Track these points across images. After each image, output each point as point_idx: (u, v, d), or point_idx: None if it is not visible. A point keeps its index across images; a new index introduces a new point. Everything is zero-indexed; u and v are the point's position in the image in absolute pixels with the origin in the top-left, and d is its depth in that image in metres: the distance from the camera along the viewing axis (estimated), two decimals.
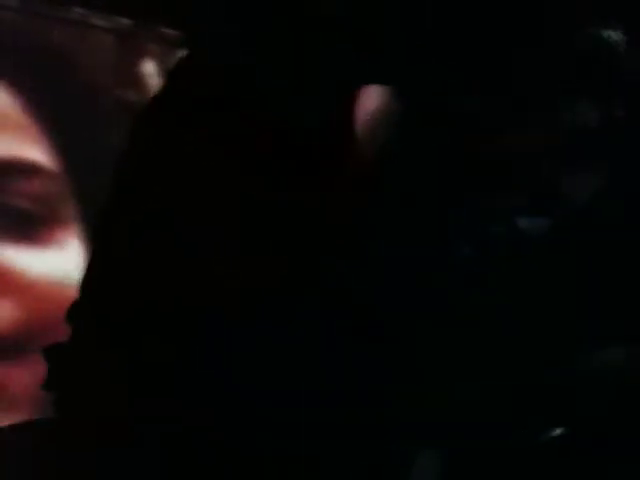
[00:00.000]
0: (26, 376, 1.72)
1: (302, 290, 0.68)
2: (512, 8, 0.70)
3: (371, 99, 0.70)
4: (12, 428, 0.85)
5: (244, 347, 0.68)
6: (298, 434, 0.67)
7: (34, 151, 1.81)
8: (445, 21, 0.69)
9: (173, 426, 0.68)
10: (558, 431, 0.71)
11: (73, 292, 0.82)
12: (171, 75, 0.76)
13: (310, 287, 0.68)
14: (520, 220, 0.71)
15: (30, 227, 1.78)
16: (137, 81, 1.81)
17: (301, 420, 0.67)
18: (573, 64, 0.71)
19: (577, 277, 0.70)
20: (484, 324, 0.66)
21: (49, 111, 1.80)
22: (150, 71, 1.81)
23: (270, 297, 0.68)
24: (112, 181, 0.76)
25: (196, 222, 0.70)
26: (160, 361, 0.69)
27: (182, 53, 0.80)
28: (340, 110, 0.70)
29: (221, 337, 0.68)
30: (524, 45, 0.70)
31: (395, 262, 0.67)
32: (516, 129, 0.69)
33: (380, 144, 0.68)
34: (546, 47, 0.71)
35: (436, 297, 0.66)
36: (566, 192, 0.72)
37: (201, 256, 0.69)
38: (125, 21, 1.77)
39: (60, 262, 1.78)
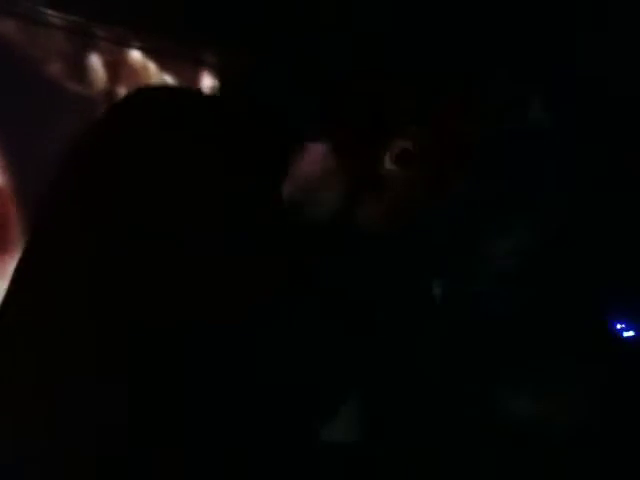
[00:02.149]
0: None
1: (300, 290, 0.67)
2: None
3: None
4: None
5: (244, 347, 0.68)
6: (296, 432, 0.69)
7: None
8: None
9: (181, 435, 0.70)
10: None
11: None
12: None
13: (308, 287, 0.67)
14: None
15: None
16: (86, 75, 1.81)
17: (299, 418, 0.69)
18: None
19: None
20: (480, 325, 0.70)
21: None
22: (97, 66, 1.82)
23: (269, 297, 0.68)
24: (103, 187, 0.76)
25: (191, 224, 0.70)
26: (163, 370, 0.69)
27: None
28: (337, 112, 0.71)
29: (221, 338, 0.68)
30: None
31: (392, 262, 0.66)
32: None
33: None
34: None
35: (432, 296, 0.67)
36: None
37: (198, 258, 0.69)
38: (75, 18, 1.77)
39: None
